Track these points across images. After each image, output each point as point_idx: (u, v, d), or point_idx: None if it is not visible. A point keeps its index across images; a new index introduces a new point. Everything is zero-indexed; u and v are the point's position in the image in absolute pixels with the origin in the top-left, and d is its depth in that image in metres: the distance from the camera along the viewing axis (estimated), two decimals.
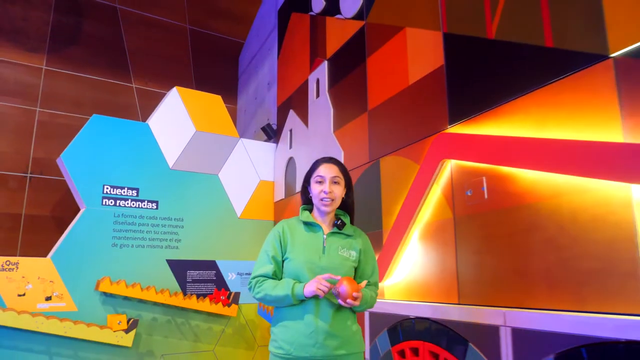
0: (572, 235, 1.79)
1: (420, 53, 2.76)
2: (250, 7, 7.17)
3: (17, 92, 5.45)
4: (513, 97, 2.08)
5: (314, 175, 1.99)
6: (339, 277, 1.79)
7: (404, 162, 2.80)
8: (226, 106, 5.87)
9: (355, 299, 1.75)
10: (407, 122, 2.83)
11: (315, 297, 1.82)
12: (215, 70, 6.88)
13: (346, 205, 2.05)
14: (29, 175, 5.34)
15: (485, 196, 2.19)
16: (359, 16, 3.51)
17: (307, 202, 2.07)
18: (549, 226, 1.88)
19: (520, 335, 1.87)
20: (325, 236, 1.94)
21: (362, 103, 3.33)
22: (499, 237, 2.11)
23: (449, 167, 2.43)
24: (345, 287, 1.75)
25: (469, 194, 2.29)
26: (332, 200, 1.94)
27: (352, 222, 2.07)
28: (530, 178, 1.97)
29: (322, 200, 1.94)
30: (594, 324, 1.61)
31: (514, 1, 2.14)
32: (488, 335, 2.00)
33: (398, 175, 2.85)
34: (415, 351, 2.45)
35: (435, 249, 2.50)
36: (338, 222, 1.97)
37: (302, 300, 1.84)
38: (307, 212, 2.02)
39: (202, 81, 6.68)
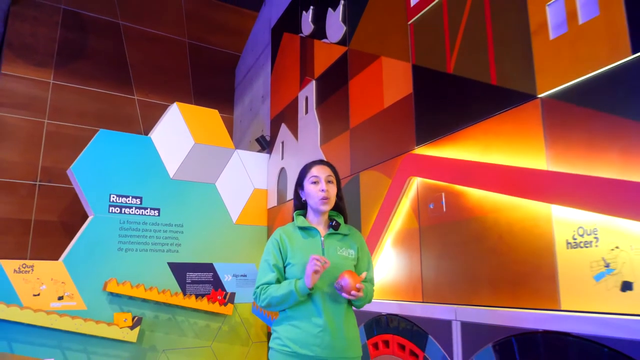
0: (508, 244, 2.15)
1: (394, 80, 3.12)
2: (246, 22, 7.53)
3: (26, 104, 5.80)
4: (465, 126, 2.44)
5: (308, 176, 2.02)
6: (327, 262, 1.79)
7: (380, 176, 3.16)
8: (223, 116, 6.22)
9: (358, 290, 1.77)
10: (382, 141, 3.19)
11: (321, 297, 1.85)
12: (213, 81, 7.23)
13: (338, 206, 2.07)
14: (38, 183, 5.69)
15: (444, 209, 2.55)
16: (342, 42, 3.86)
17: (300, 206, 2.09)
18: (491, 236, 2.24)
19: (467, 328, 2.23)
20: (322, 238, 1.96)
21: (345, 121, 3.69)
22: (454, 245, 2.47)
23: (415, 183, 2.79)
24: (347, 279, 1.77)
25: (431, 207, 2.65)
26: (329, 198, 1.97)
27: (345, 222, 2.09)
28: (478, 195, 2.33)
29: (320, 199, 1.96)
30: (521, 318, 1.97)
31: (468, 41, 2.50)
32: (443, 328, 2.36)
33: (374, 188, 3.21)
34: (387, 343, 2.81)
35: (404, 254, 2.86)
36: (333, 223, 2.00)
37: (309, 295, 1.85)
38: (301, 217, 2.04)
39: (200, 92, 7.03)
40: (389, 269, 2.99)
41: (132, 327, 4.08)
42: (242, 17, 7.63)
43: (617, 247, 1.70)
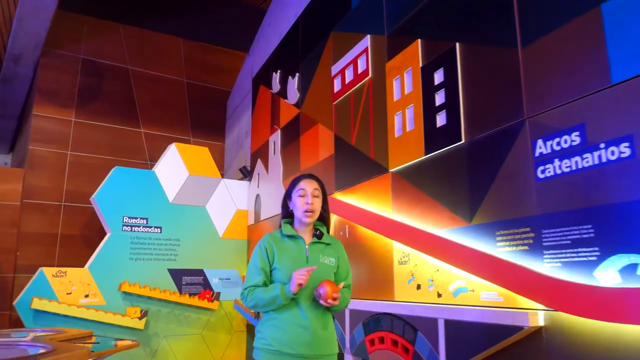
0: (376, 260, 3.45)
1: (324, 142, 4.43)
2: (235, 61, 8.79)
3: (53, 139, 7.12)
4: (357, 182, 3.75)
5: (296, 189, 2.18)
6: (314, 267, 1.99)
7: None
8: (216, 144, 7.53)
9: (335, 299, 1.95)
10: None
11: (304, 301, 2.03)
12: (208, 114, 8.49)
13: (322, 217, 2.24)
14: (63, 203, 7.02)
15: (347, 236, 3.86)
16: (297, 105, 5.18)
17: (287, 215, 2.26)
18: (369, 255, 3.55)
19: (352, 313, 3.54)
20: (307, 246, 2.13)
21: (297, 166, 5.00)
22: (353, 260, 3.75)
23: (335, 218, 4.11)
24: (325, 288, 1.96)
25: (341, 234, 3.96)
26: (313, 212, 2.13)
27: (328, 231, 2.27)
28: (362, 229, 3.64)
29: (305, 212, 2.11)
30: (376, 305, 3.27)
31: (361, 126, 3.80)
32: (341, 313, 3.67)
33: None
34: None
35: None
36: (317, 233, 2.17)
37: (293, 299, 2.01)
38: (289, 226, 2.19)
39: (197, 124, 8.33)
40: None
41: (140, 318, 5.40)
42: (232, 57, 8.89)
43: (416, 265, 3.01)
